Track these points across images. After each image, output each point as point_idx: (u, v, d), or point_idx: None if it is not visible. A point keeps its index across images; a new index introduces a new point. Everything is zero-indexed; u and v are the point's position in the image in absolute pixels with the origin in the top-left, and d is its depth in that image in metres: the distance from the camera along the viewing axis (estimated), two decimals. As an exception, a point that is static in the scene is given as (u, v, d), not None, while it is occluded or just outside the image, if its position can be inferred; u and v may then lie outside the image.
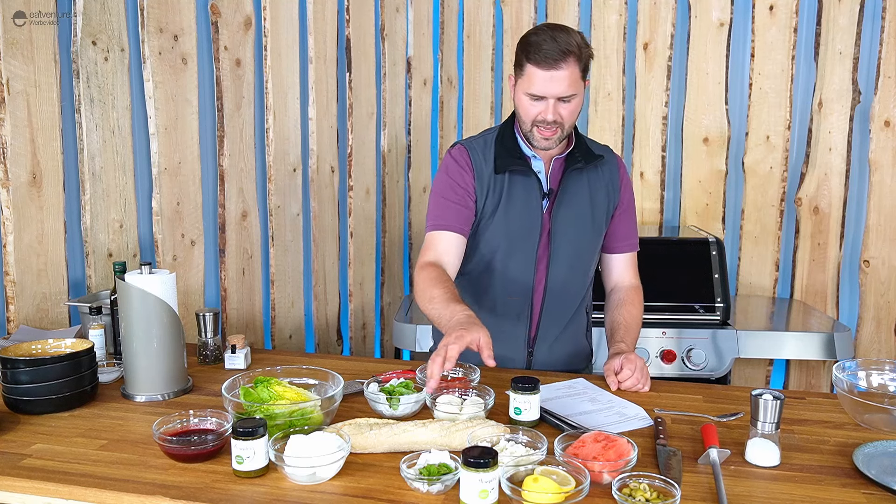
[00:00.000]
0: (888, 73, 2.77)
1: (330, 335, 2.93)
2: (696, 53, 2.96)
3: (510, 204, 1.75)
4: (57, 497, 1.21)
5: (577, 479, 1.14)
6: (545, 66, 1.60)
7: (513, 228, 1.76)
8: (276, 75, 2.55)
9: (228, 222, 2.46)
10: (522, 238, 1.76)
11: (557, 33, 1.61)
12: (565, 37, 1.60)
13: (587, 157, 1.77)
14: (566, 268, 1.79)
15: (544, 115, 1.64)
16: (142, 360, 1.58)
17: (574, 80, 1.62)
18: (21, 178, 1.95)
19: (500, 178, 1.76)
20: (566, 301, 1.83)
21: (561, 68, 1.59)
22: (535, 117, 1.66)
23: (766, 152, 2.95)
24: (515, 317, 1.80)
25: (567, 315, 1.84)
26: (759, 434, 1.29)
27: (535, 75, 1.61)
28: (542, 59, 1.59)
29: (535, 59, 1.60)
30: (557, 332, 1.84)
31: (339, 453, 1.22)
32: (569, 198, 1.76)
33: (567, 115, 1.66)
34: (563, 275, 1.79)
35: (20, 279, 1.96)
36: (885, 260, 2.87)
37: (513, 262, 1.77)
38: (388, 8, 3.02)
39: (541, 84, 1.61)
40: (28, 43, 1.93)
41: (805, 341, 2.43)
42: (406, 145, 3.25)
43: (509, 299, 1.80)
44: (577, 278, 1.83)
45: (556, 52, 1.58)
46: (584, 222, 1.79)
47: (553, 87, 1.61)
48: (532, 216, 1.75)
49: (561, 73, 1.60)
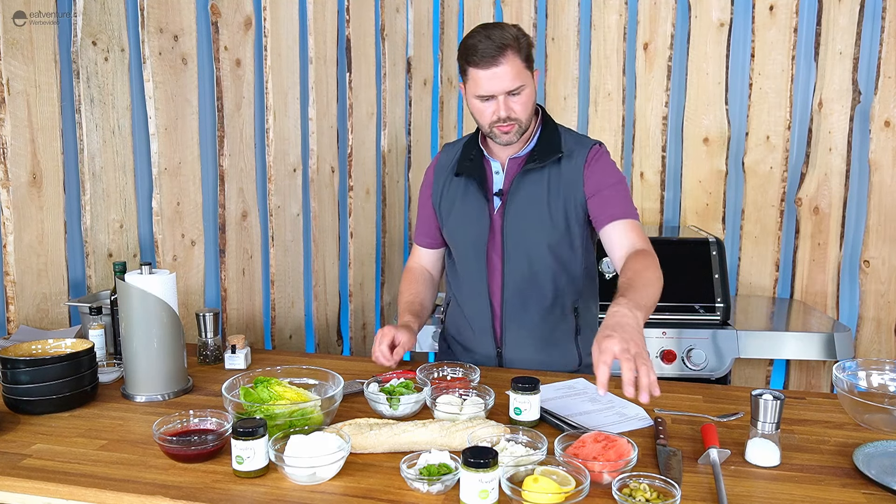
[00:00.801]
0: (888, 73, 2.77)
1: (330, 335, 2.93)
2: (696, 53, 2.96)
3: (463, 205, 1.81)
4: (57, 497, 1.21)
5: (577, 480, 1.14)
6: (485, 65, 1.61)
7: (464, 228, 1.81)
8: (276, 75, 2.55)
9: (228, 222, 2.46)
10: (472, 237, 1.80)
11: (491, 31, 1.63)
12: (499, 32, 1.62)
13: (544, 155, 1.75)
14: (524, 268, 1.77)
15: (497, 112, 1.66)
16: (142, 360, 1.58)
17: (517, 72, 1.63)
18: (21, 178, 1.95)
19: (458, 181, 1.83)
20: (531, 301, 1.79)
21: (501, 63, 1.61)
22: (489, 118, 1.68)
23: (767, 152, 2.95)
24: (480, 316, 1.84)
25: (535, 316, 1.80)
26: (760, 434, 1.29)
27: (479, 76, 1.63)
28: (480, 59, 1.61)
29: (474, 60, 1.62)
30: (527, 333, 1.81)
31: (339, 453, 1.22)
32: (521, 197, 1.75)
33: (519, 107, 1.67)
34: (522, 275, 1.78)
35: (20, 279, 1.96)
36: (885, 260, 2.87)
37: (468, 261, 1.83)
38: (388, 8, 3.02)
39: (485, 83, 1.63)
40: (28, 43, 1.93)
41: (805, 341, 2.43)
42: (406, 145, 3.25)
43: (472, 297, 1.85)
44: (542, 278, 1.78)
45: (493, 49, 1.60)
46: (539, 221, 1.75)
47: (497, 84, 1.63)
48: (480, 216, 1.78)
49: (502, 68, 1.61)
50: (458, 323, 1.91)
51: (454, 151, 1.89)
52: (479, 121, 1.72)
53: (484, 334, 1.85)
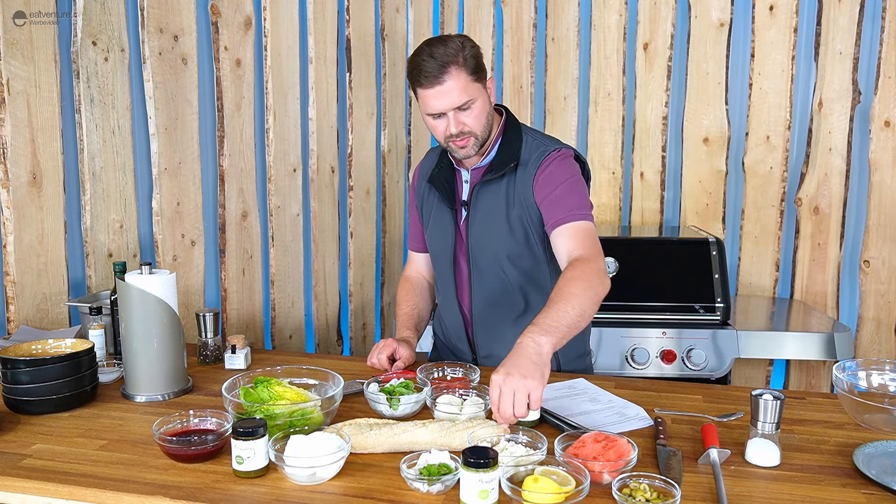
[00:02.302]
0: (888, 73, 2.77)
1: (330, 335, 2.93)
2: (696, 53, 2.96)
3: (436, 213, 1.84)
4: (57, 497, 1.21)
5: (577, 480, 1.14)
6: (429, 85, 1.60)
7: (435, 237, 1.85)
8: (276, 75, 2.55)
9: (228, 222, 2.46)
10: (441, 246, 1.83)
11: (434, 48, 1.60)
12: (442, 49, 1.59)
13: (501, 165, 1.72)
14: (491, 277, 1.77)
15: (448, 129, 1.64)
16: (142, 361, 1.58)
17: (463, 87, 1.60)
18: (21, 179, 1.95)
19: (433, 190, 1.84)
20: (501, 310, 1.79)
21: (444, 81, 1.58)
22: (443, 134, 1.66)
23: (766, 152, 2.95)
24: (454, 322, 1.88)
25: (507, 324, 1.78)
26: (760, 434, 1.29)
27: (426, 96, 1.62)
28: (425, 79, 1.60)
29: (419, 81, 1.61)
30: (499, 340, 1.79)
31: (340, 453, 1.22)
32: (482, 208, 1.74)
33: (472, 121, 1.64)
34: (490, 284, 1.78)
35: (20, 279, 1.96)
36: (885, 260, 2.87)
37: (440, 268, 1.87)
38: (388, 8, 3.02)
39: (432, 102, 1.62)
40: (28, 43, 1.93)
41: (805, 341, 2.43)
42: (406, 145, 3.25)
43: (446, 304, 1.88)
44: (510, 287, 1.76)
45: (436, 68, 1.58)
46: (498, 232, 1.73)
47: (444, 102, 1.61)
48: (447, 226, 1.81)
49: (447, 85, 1.59)
50: (441, 325, 1.97)
51: (434, 158, 1.90)
52: (435, 136, 1.71)
53: (459, 339, 1.89)
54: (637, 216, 3.09)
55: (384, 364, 1.75)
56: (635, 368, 2.41)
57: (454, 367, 1.69)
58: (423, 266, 2.01)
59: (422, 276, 2.01)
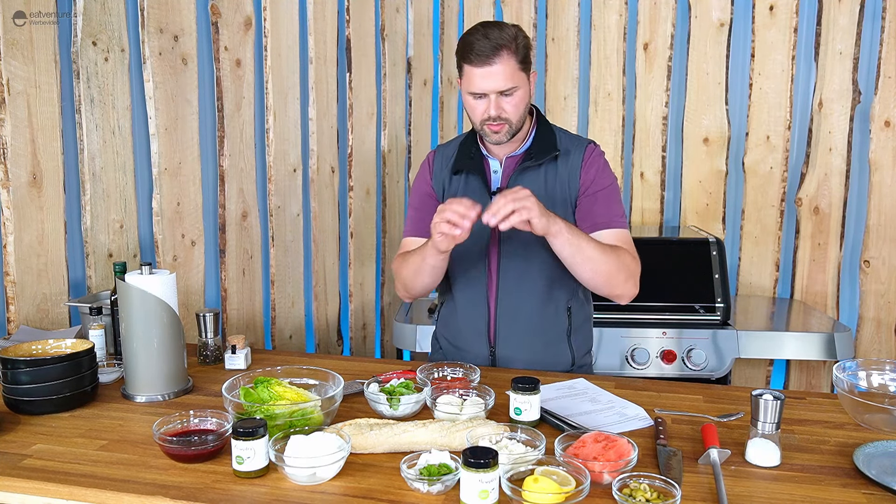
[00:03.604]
0: (888, 73, 2.77)
1: (330, 335, 2.93)
2: (696, 53, 2.96)
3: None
4: (57, 497, 1.21)
5: (577, 480, 1.14)
6: (479, 64, 1.63)
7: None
8: (276, 75, 2.55)
9: (228, 222, 2.46)
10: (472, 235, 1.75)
11: (489, 30, 1.64)
12: (497, 32, 1.63)
13: (541, 154, 1.76)
14: (519, 265, 1.78)
15: (488, 111, 1.67)
16: (142, 361, 1.58)
17: (511, 73, 1.64)
18: (21, 179, 1.95)
19: (457, 179, 1.83)
20: (525, 300, 1.80)
21: (495, 63, 1.62)
22: (480, 115, 1.70)
23: (767, 152, 2.95)
24: (474, 313, 1.84)
25: (528, 315, 1.80)
26: (760, 434, 1.29)
27: (472, 74, 1.65)
28: (475, 58, 1.63)
29: (469, 58, 1.64)
30: (521, 331, 1.81)
31: (340, 453, 1.22)
32: None
33: (511, 108, 1.68)
34: (517, 273, 1.78)
35: (20, 279, 1.96)
36: (885, 260, 2.87)
37: (465, 258, 1.83)
38: (388, 8, 3.02)
39: (478, 81, 1.65)
40: (28, 43, 1.93)
41: (805, 341, 2.43)
42: (406, 145, 3.25)
43: (467, 295, 1.84)
44: (536, 277, 1.78)
45: (489, 49, 1.62)
46: None
47: (490, 83, 1.64)
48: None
49: (495, 67, 1.63)
50: (450, 323, 1.91)
51: (450, 150, 1.89)
52: (471, 117, 1.74)
53: (478, 332, 1.85)
54: (637, 216, 3.09)
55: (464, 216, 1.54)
56: (635, 368, 2.41)
57: (454, 367, 1.69)
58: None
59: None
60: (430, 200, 1.89)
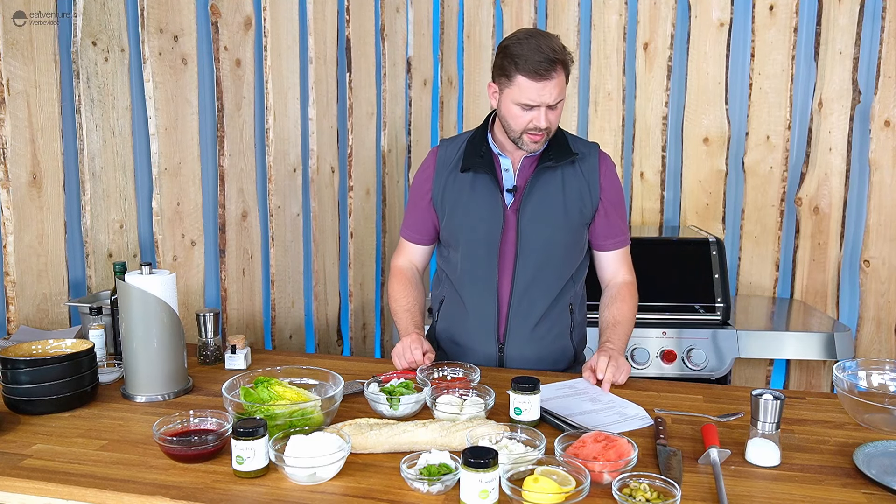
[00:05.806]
0: (888, 73, 2.77)
1: (330, 335, 2.93)
2: (696, 53, 2.96)
3: (472, 200, 1.81)
4: (57, 497, 1.21)
5: (577, 480, 1.15)
6: (537, 77, 1.62)
7: (473, 224, 1.81)
8: (276, 75, 2.55)
9: (228, 222, 2.46)
10: (484, 233, 1.80)
11: (541, 41, 1.63)
12: (548, 43, 1.64)
13: (560, 155, 1.78)
14: (536, 263, 1.79)
15: (536, 122, 1.68)
16: (142, 361, 1.58)
17: (562, 87, 1.67)
18: (21, 179, 1.95)
19: (464, 176, 1.82)
20: (537, 298, 1.81)
21: (552, 77, 1.63)
22: (525, 125, 1.69)
23: (766, 152, 2.95)
24: (484, 310, 1.83)
25: (539, 312, 1.81)
26: (760, 434, 1.29)
27: (528, 86, 1.64)
28: (532, 70, 1.62)
29: (525, 69, 1.63)
30: (530, 329, 1.82)
31: (340, 453, 1.22)
32: (537, 194, 1.77)
33: (555, 119, 1.71)
34: (533, 270, 1.79)
35: (20, 279, 1.96)
36: (885, 260, 2.87)
37: (476, 256, 1.82)
38: (388, 8, 3.02)
39: (534, 94, 1.64)
40: (28, 43, 1.93)
41: (805, 341, 2.43)
42: (406, 145, 3.25)
43: (477, 293, 1.84)
44: (551, 275, 1.81)
45: (547, 62, 1.62)
46: (555, 219, 1.78)
47: (545, 97, 1.65)
48: (493, 212, 1.79)
49: (552, 81, 1.64)
50: (456, 321, 1.90)
51: (456, 147, 1.88)
52: (510, 124, 1.72)
53: (486, 330, 1.84)
54: (637, 216, 3.09)
55: (421, 360, 1.70)
56: (635, 368, 2.41)
57: (454, 367, 1.69)
58: (418, 257, 1.97)
59: (415, 268, 1.97)
60: (425, 201, 1.89)
